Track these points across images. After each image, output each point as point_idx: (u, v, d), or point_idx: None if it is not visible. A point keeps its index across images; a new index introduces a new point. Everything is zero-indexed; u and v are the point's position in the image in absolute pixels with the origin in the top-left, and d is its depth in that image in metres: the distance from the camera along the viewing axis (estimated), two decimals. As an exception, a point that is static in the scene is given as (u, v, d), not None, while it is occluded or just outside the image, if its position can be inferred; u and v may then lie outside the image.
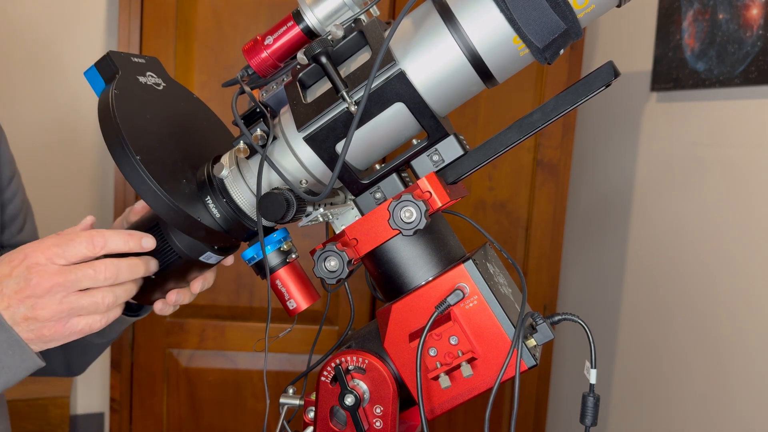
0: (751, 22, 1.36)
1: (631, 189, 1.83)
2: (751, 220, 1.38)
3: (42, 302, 0.69)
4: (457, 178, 0.72)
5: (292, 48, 0.73)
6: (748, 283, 1.38)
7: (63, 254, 0.69)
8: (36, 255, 0.69)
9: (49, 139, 2.21)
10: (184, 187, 0.76)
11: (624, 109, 1.87)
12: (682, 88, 1.57)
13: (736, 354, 1.41)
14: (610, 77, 0.66)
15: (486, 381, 0.69)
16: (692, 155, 1.57)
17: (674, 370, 1.61)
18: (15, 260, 0.70)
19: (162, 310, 0.86)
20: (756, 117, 1.38)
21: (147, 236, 0.74)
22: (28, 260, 0.69)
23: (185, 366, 1.98)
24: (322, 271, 0.70)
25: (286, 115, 0.74)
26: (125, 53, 0.82)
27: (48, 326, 0.70)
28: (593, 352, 0.69)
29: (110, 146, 0.72)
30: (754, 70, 1.34)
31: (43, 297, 0.69)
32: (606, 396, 1.89)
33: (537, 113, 0.69)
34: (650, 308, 1.73)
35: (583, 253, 2.10)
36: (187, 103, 0.90)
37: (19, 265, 0.69)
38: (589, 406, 0.70)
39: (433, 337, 0.69)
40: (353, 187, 0.73)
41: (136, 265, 0.73)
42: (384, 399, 0.72)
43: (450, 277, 0.69)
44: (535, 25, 0.63)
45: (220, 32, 1.89)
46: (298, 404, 0.79)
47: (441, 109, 0.70)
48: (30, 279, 0.68)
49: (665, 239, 1.67)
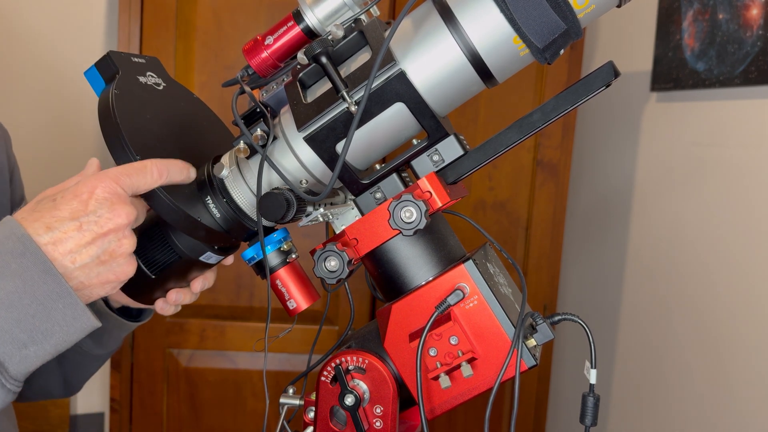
0: (751, 22, 1.36)
1: (631, 189, 1.83)
2: (751, 219, 1.38)
3: (125, 233, 0.64)
4: (458, 178, 0.72)
5: (293, 48, 0.73)
6: (748, 282, 1.38)
7: (133, 185, 0.65)
8: (111, 184, 0.63)
9: (49, 138, 2.21)
10: (184, 187, 0.76)
11: (624, 109, 1.87)
12: (682, 88, 1.57)
13: (736, 354, 1.41)
14: (610, 77, 0.66)
15: (486, 381, 0.69)
16: (692, 155, 1.57)
17: (674, 369, 1.61)
18: (83, 192, 0.63)
19: (163, 309, 0.86)
20: (756, 117, 1.38)
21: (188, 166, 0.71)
22: (104, 190, 0.63)
23: (185, 366, 1.98)
24: (322, 271, 0.71)
25: (286, 115, 0.74)
26: (125, 53, 0.82)
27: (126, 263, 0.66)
28: (593, 352, 0.69)
29: (110, 146, 0.72)
30: (754, 70, 1.34)
31: (127, 228, 0.64)
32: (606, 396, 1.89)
33: (537, 113, 0.69)
34: (650, 308, 1.73)
35: (583, 253, 2.11)
36: (187, 103, 0.90)
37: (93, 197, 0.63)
38: (589, 406, 0.70)
39: (433, 337, 0.69)
40: (353, 187, 0.73)
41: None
42: (384, 399, 0.72)
43: (450, 277, 0.69)
44: (535, 25, 0.63)
45: (220, 32, 1.89)
46: (298, 404, 0.79)
47: (441, 109, 0.70)
48: (115, 209, 0.63)
49: (665, 239, 1.67)
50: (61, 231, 0.62)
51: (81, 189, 0.63)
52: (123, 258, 0.65)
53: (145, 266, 0.81)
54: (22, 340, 0.59)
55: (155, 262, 0.81)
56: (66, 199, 0.63)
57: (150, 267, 0.81)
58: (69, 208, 0.63)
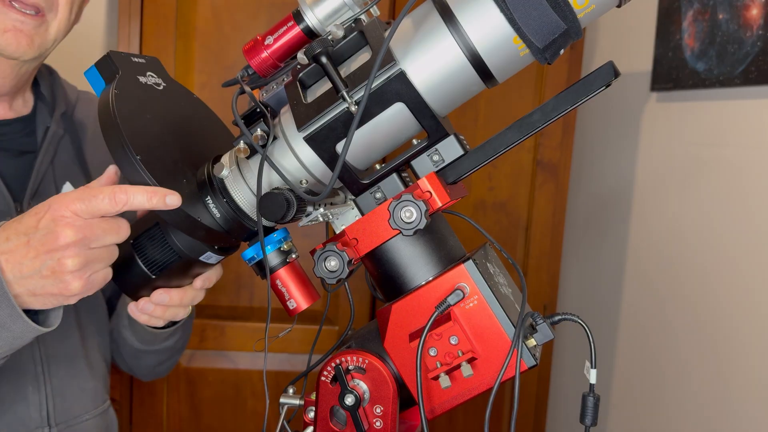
0: (751, 22, 1.36)
1: (630, 189, 1.83)
2: (750, 219, 1.38)
3: (68, 254, 0.69)
4: (458, 178, 0.72)
5: (293, 48, 0.73)
6: (748, 282, 1.38)
7: (86, 209, 0.69)
8: (61, 208, 0.69)
9: (49, 139, 2.20)
10: (185, 186, 0.76)
11: (624, 109, 1.87)
12: (682, 88, 1.57)
13: (736, 354, 1.41)
14: (610, 77, 0.66)
15: (486, 381, 0.69)
16: (692, 155, 1.57)
17: (674, 370, 1.61)
18: (41, 212, 0.70)
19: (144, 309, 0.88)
20: (756, 117, 1.37)
21: (172, 193, 0.71)
22: (54, 212, 0.69)
23: (185, 366, 1.98)
24: (322, 271, 0.71)
25: (286, 115, 0.74)
26: (125, 53, 0.82)
27: (72, 282, 0.71)
28: (593, 352, 0.69)
29: (110, 146, 0.72)
30: (754, 70, 1.34)
31: (68, 249, 0.69)
32: (606, 396, 1.89)
33: (537, 113, 0.69)
34: (650, 308, 1.73)
35: (583, 253, 2.11)
36: (187, 103, 0.90)
37: (44, 218, 0.70)
38: (589, 406, 0.70)
39: (433, 337, 0.69)
40: (353, 187, 0.73)
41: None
42: (384, 399, 0.72)
43: (450, 277, 0.69)
44: (535, 25, 0.63)
45: (220, 32, 1.89)
46: (298, 404, 0.79)
47: (441, 109, 0.70)
48: (56, 232, 0.69)
49: (665, 239, 1.67)
50: (14, 243, 0.70)
51: (40, 208, 0.71)
52: (67, 275, 0.70)
53: (146, 266, 0.81)
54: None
55: (155, 262, 0.82)
56: (29, 215, 0.71)
57: (150, 267, 0.81)
58: (26, 224, 0.71)
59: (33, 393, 0.98)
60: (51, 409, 0.99)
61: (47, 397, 0.99)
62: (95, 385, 1.08)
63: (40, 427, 0.98)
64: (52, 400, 0.99)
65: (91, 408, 1.06)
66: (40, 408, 0.98)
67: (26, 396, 0.97)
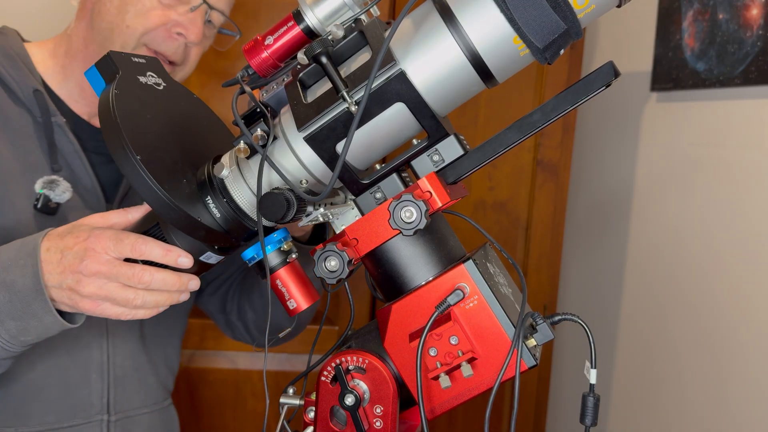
0: (751, 22, 1.36)
1: (631, 189, 1.83)
2: (750, 219, 1.38)
3: (85, 281, 0.79)
4: (458, 178, 0.72)
5: (293, 48, 0.73)
6: (747, 282, 1.38)
7: (113, 249, 0.78)
8: (95, 241, 0.78)
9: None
10: (185, 186, 0.76)
11: (624, 109, 1.87)
12: (682, 88, 1.57)
13: (735, 354, 1.41)
14: (610, 77, 0.66)
15: (486, 381, 0.69)
16: (692, 155, 1.57)
17: (674, 369, 1.61)
18: (80, 237, 0.80)
19: None
20: (756, 117, 1.37)
21: (185, 255, 0.79)
22: (88, 243, 0.79)
23: (185, 366, 1.98)
24: (322, 271, 0.71)
25: (286, 115, 0.74)
26: (126, 53, 0.82)
27: (84, 301, 0.80)
28: (593, 352, 0.69)
29: (111, 146, 0.72)
30: (754, 70, 1.34)
31: (88, 278, 0.78)
32: (606, 396, 1.89)
33: (537, 113, 0.69)
34: (650, 308, 1.73)
35: (583, 253, 2.11)
36: (187, 103, 0.90)
37: (80, 243, 0.79)
38: (589, 406, 0.70)
39: (434, 337, 0.69)
40: (353, 187, 0.73)
41: (169, 281, 0.80)
42: (384, 399, 0.72)
43: (450, 277, 0.69)
44: (535, 25, 0.63)
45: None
46: (298, 404, 0.79)
47: (441, 109, 0.70)
48: (83, 259, 0.78)
49: (665, 239, 1.67)
50: (52, 254, 0.81)
51: (81, 234, 0.80)
52: (82, 296, 0.79)
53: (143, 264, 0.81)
54: (9, 315, 0.81)
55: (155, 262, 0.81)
56: (71, 235, 0.81)
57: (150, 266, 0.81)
58: (66, 242, 0.81)
59: (96, 380, 1.05)
60: (112, 397, 1.07)
61: (109, 386, 1.07)
62: (157, 381, 1.15)
63: (100, 413, 1.06)
64: (114, 390, 1.07)
65: (151, 402, 1.13)
66: (101, 395, 1.06)
67: (90, 383, 1.05)
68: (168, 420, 1.18)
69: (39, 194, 0.99)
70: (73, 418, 1.03)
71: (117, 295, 0.79)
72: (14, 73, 1.03)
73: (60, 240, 0.81)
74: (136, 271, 0.78)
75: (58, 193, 1.00)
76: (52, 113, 1.03)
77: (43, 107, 1.02)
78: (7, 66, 1.03)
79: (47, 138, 1.02)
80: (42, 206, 0.99)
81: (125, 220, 0.84)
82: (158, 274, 0.79)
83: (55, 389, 1.02)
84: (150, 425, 1.13)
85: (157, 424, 1.14)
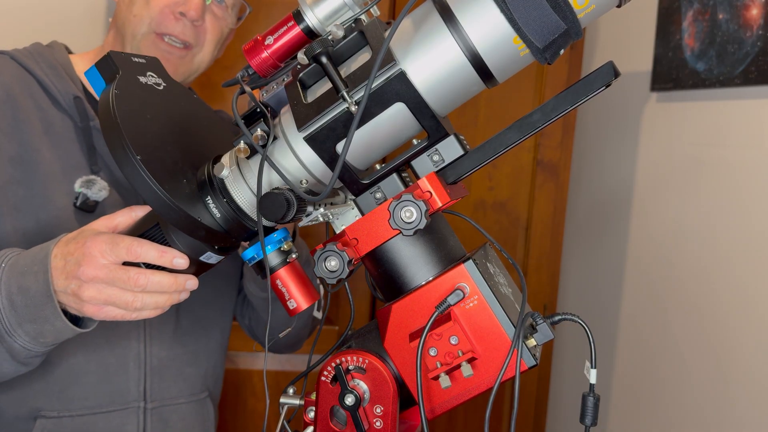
0: (751, 22, 1.36)
1: (630, 189, 1.83)
2: (750, 219, 1.38)
3: (85, 286, 0.81)
4: (458, 178, 0.72)
5: (293, 48, 0.73)
6: (747, 282, 1.38)
7: (110, 253, 0.80)
8: (92, 246, 0.80)
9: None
10: (185, 186, 0.76)
11: (624, 109, 1.87)
12: (682, 88, 1.57)
13: (735, 353, 1.41)
14: (610, 77, 0.66)
15: (486, 381, 0.69)
16: (692, 155, 1.57)
17: (674, 370, 1.61)
18: (80, 242, 0.82)
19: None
20: (756, 117, 1.37)
21: (180, 256, 0.80)
22: (86, 248, 0.81)
23: (185, 366, 1.98)
24: (322, 271, 0.71)
25: (286, 115, 0.74)
26: (126, 53, 0.82)
27: (86, 306, 0.82)
28: (593, 352, 0.69)
29: (111, 146, 0.72)
30: (754, 70, 1.34)
31: (87, 283, 0.80)
32: (606, 396, 1.89)
33: (537, 113, 0.69)
34: (650, 308, 1.73)
35: (583, 253, 2.11)
36: (188, 103, 0.90)
37: (79, 249, 0.81)
38: (589, 406, 0.70)
39: (434, 337, 0.69)
40: (353, 187, 0.73)
41: (165, 282, 0.80)
42: (384, 399, 0.72)
43: (450, 277, 0.69)
44: (535, 25, 0.63)
45: (220, 32, 1.89)
46: (298, 404, 0.79)
47: (441, 109, 0.70)
48: (81, 265, 0.80)
49: (665, 239, 1.67)
50: (58, 261, 0.83)
51: (81, 240, 0.82)
52: (83, 301, 0.81)
53: (145, 266, 0.81)
54: (27, 318, 0.84)
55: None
56: (74, 242, 0.83)
57: (149, 266, 0.81)
58: (68, 249, 0.83)
59: (133, 369, 1.09)
60: (148, 386, 1.11)
61: (146, 374, 1.10)
62: (195, 372, 1.17)
63: (137, 401, 1.10)
64: (150, 378, 1.11)
65: (188, 393, 1.16)
66: (138, 383, 1.10)
67: (127, 370, 1.09)
68: (204, 412, 1.20)
69: (78, 193, 1.05)
70: (112, 403, 1.07)
71: (116, 299, 0.81)
72: (56, 81, 1.09)
73: (65, 246, 0.84)
74: (132, 274, 0.80)
75: (95, 192, 1.05)
76: (90, 118, 1.09)
77: (83, 113, 1.08)
78: (50, 75, 1.09)
79: (86, 141, 1.08)
80: (81, 204, 1.05)
81: (130, 219, 0.86)
82: (154, 276, 0.80)
83: (95, 375, 1.06)
84: (186, 415, 1.15)
85: (192, 415, 1.17)
